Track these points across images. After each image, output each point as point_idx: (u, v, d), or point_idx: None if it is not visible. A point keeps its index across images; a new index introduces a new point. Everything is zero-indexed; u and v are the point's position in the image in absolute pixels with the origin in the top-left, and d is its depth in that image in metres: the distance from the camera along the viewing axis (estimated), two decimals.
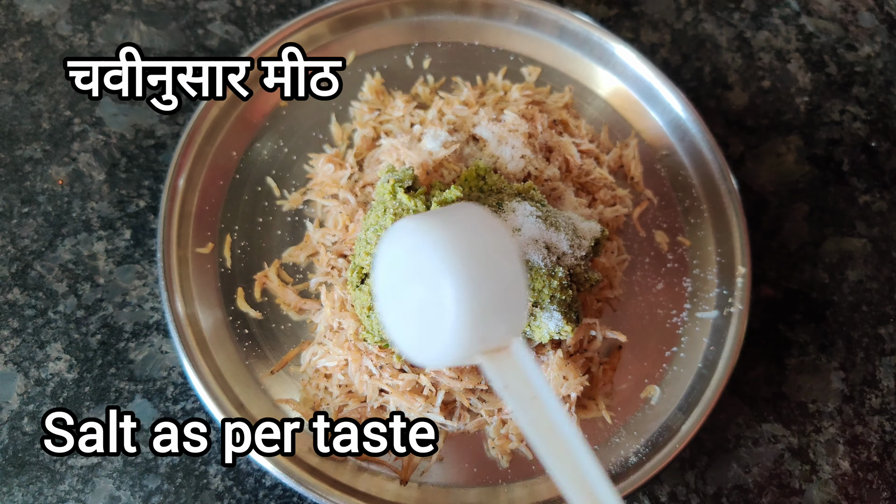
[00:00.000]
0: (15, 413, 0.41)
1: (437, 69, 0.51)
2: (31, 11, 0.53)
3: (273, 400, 0.41)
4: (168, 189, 0.43)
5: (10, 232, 0.46)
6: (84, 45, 0.51)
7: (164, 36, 0.52)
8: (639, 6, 0.58)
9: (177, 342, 0.40)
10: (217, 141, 0.46)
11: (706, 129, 0.48)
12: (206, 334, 0.41)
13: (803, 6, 0.60)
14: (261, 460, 0.38)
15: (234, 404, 0.40)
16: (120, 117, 0.49)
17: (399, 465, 0.40)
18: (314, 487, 0.38)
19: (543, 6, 0.51)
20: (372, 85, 0.49)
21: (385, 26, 0.52)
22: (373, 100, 0.49)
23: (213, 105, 0.46)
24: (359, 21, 0.51)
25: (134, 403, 0.42)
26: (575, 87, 0.52)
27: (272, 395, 0.42)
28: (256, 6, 0.54)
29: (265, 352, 0.43)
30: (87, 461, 0.40)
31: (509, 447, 0.41)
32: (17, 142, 0.48)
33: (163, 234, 0.42)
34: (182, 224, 0.44)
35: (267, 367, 0.42)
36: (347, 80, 0.50)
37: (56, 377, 0.42)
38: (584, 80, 0.52)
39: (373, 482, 0.40)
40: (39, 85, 0.50)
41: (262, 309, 0.44)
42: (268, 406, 0.41)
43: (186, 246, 0.43)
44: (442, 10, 0.52)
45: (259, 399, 0.41)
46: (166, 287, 0.41)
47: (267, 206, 0.46)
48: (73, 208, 0.46)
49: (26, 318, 0.44)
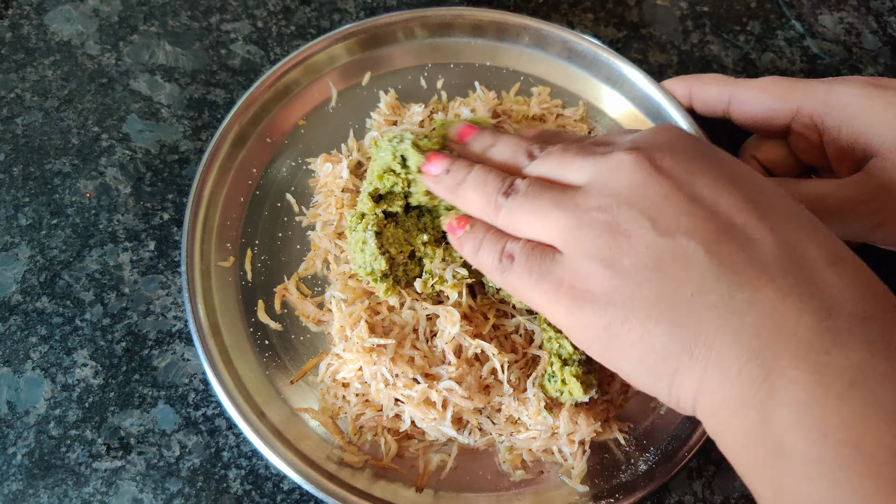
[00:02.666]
0: (42, 417, 0.43)
1: (450, 89, 0.53)
2: (61, 31, 0.55)
3: (292, 408, 0.43)
4: (191, 205, 0.45)
5: (39, 242, 0.47)
6: (112, 64, 0.54)
7: (188, 56, 0.54)
8: (647, 28, 0.60)
9: (201, 352, 0.41)
10: (238, 158, 0.48)
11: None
12: (227, 345, 0.43)
13: (808, 28, 0.61)
14: (282, 466, 0.39)
15: (256, 412, 0.41)
16: (146, 133, 0.51)
17: (414, 472, 0.41)
18: (334, 493, 0.39)
19: (554, 28, 0.53)
20: (388, 101, 0.51)
21: (399, 48, 0.53)
22: (389, 113, 0.51)
23: (234, 124, 0.48)
24: (374, 43, 0.53)
25: (157, 409, 0.43)
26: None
27: (291, 404, 0.43)
28: (277, 27, 0.56)
29: (285, 362, 0.44)
30: (111, 464, 0.42)
31: (520, 461, 0.42)
32: (47, 156, 0.50)
33: (186, 248, 0.44)
34: (205, 239, 0.45)
35: (286, 376, 0.44)
36: (363, 100, 0.52)
37: (82, 383, 0.44)
38: (593, 99, 0.54)
39: (388, 489, 0.41)
40: (69, 102, 0.52)
41: (281, 321, 0.45)
42: (287, 414, 0.42)
43: (209, 260, 0.45)
44: (455, 33, 0.54)
45: (279, 408, 0.42)
46: (190, 299, 0.43)
47: (286, 222, 0.48)
48: (101, 220, 0.48)
49: (54, 326, 0.45)
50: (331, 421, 0.42)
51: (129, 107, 0.52)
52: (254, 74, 0.54)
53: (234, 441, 0.43)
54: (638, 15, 0.60)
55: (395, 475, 0.41)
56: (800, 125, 0.44)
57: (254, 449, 0.43)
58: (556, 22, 0.58)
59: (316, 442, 0.41)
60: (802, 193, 0.41)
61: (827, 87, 0.43)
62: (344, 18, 0.57)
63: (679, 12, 0.61)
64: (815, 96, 0.43)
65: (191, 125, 0.52)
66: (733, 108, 0.47)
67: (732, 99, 0.47)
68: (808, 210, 0.33)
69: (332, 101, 0.52)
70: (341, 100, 0.52)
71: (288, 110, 0.50)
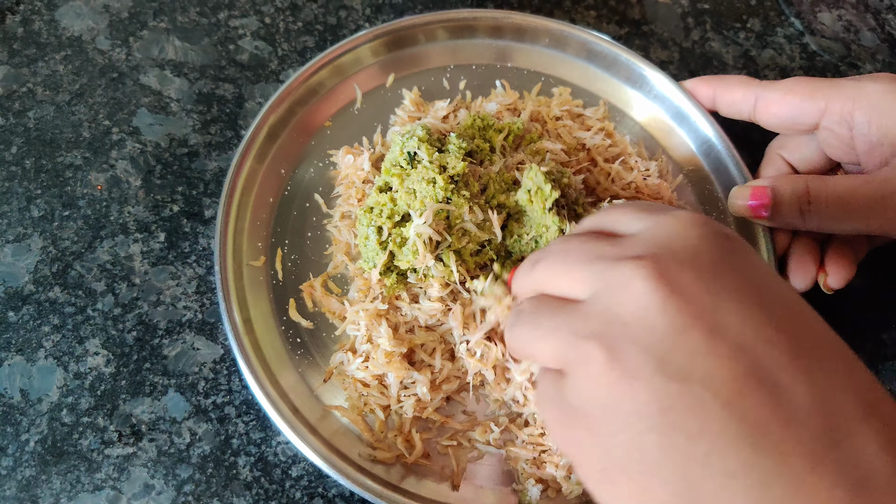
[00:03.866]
0: (54, 405, 0.44)
1: (473, 89, 0.54)
2: (72, 27, 0.56)
3: (324, 406, 0.43)
4: (223, 206, 0.46)
5: (51, 234, 0.48)
6: (122, 59, 0.54)
7: (197, 51, 0.55)
8: (648, 25, 0.61)
9: (236, 350, 0.42)
10: (266, 160, 0.49)
11: (732, 147, 0.51)
12: (260, 343, 0.44)
13: (807, 26, 0.62)
14: (317, 461, 0.40)
15: (290, 408, 0.42)
16: (156, 127, 0.52)
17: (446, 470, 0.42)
18: (370, 488, 0.39)
19: (574, 30, 0.54)
20: (412, 98, 0.52)
21: (421, 49, 0.54)
22: (413, 109, 0.52)
23: (263, 126, 0.48)
24: (397, 45, 0.54)
25: (167, 397, 0.44)
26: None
27: (324, 401, 0.44)
28: (284, 23, 0.57)
29: (316, 359, 0.45)
30: (122, 451, 0.42)
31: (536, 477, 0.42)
32: (59, 149, 0.51)
33: (220, 248, 0.45)
34: (236, 239, 0.46)
35: (318, 373, 0.44)
36: (388, 101, 0.53)
37: (94, 371, 0.44)
38: (615, 100, 0.54)
39: (421, 485, 0.41)
40: (80, 96, 0.53)
41: (312, 319, 0.46)
42: (319, 411, 0.43)
43: (241, 259, 0.46)
44: (476, 35, 0.55)
45: (312, 405, 0.43)
46: (224, 298, 0.43)
47: (315, 221, 0.49)
48: (112, 212, 0.49)
49: (66, 316, 0.46)
50: (360, 418, 0.43)
51: (140, 101, 0.53)
52: (261, 69, 0.55)
53: (243, 428, 0.44)
54: (640, 12, 0.61)
55: (426, 471, 0.42)
56: (830, 122, 0.44)
57: (262, 437, 0.43)
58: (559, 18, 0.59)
59: (350, 438, 0.42)
60: (830, 189, 0.42)
61: (855, 84, 0.44)
62: (350, 15, 0.58)
63: (680, 9, 0.62)
64: (844, 93, 0.43)
65: (200, 119, 0.53)
66: (760, 110, 0.47)
67: (759, 100, 0.47)
68: (843, 343, 0.28)
69: (358, 102, 0.53)
70: (366, 101, 0.53)
71: (314, 112, 0.51)
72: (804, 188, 0.43)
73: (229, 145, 0.52)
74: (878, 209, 0.41)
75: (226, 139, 0.52)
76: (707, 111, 0.51)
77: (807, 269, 0.47)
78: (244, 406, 0.44)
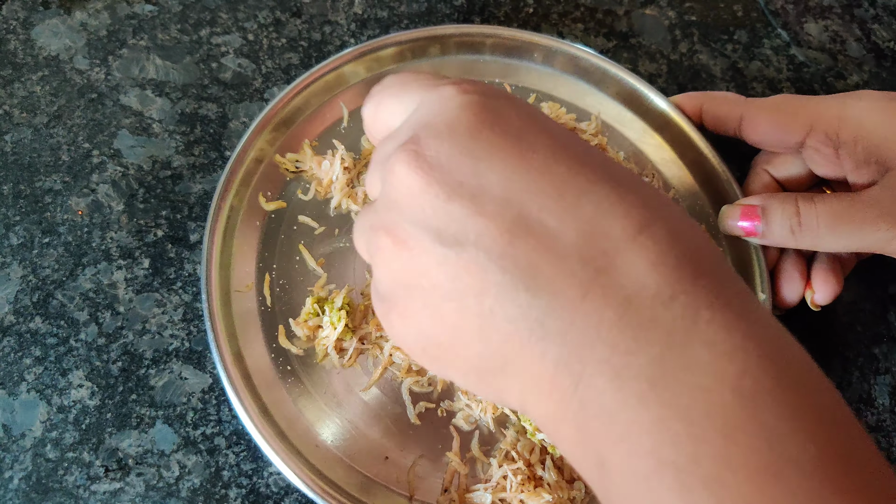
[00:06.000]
0: (38, 440, 0.42)
1: None
2: (49, 46, 0.54)
3: (317, 437, 0.43)
4: (208, 231, 0.44)
5: (31, 262, 0.47)
6: (101, 79, 0.53)
7: (178, 70, 0.54)
8: (636, 38, 0.60)
9: (225, 380, 0.41)
10: (252, 183, 0.48)
11: (722, 162, 0.50)
12: (250, 371, 0.43)
13: (794, 37, 0.62)
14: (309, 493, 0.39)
15: (282, 438, 0.41)
16: (137, 149, 0.51)
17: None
18: None
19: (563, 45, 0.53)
20: None
21: (409, 66, 0.54)
22: None
23: (249, 148, 0.47)
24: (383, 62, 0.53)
25: (155, 429, 0.43)
26: None
27: (316, 430, 0.43)
28: (268, 40, 0.56)
29: (307, 387, 0.44)
30: (109, 486, 0.41)
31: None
32: (37, 174, 0.49)
33: (206, 275, 0.43)
34: (223, 264, 0.45)
35: (309, 401, 0.43)
36: None
37: (78, 404, 0.43)
38: (604, 115, 0.54)
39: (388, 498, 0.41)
40: (58, 118, 0.51)
41: (302, 345, 0.45)
42: (312, 441, 0.42)
43: (227, 286, 0.45)
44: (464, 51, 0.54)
45: (304, 434, 0.42)
46: (211, 326, 0.42)
47: (304, 244, 0.48)
48: (93, 238, 0.48)
49: (48, 347, 0.45)
50: None
51: (120, 122, 0.52)
52: (245, 88, 0.54)
53: (234, 460, 0.43)
54: (627, 25, 0.61)
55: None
56: (815, 141, 0.45)
57: (254, 467, 0.42)
58: (546, 32, 0.58)
59: (343, 468, 0.41)
60: (819, 210, 0.42)
61: (840, 102, 0.44)
62: (335, 31, 0.57)
63: (667, 22, 0.61)
64: (830, 112, 0.43)
65: (183, 140, 0.52)
66: (745, 128, 0.47)
67: (745, 118, 0.47)
68: (621, 170, 0.28)
69: (344, 121, 0.52)
70: (353, 119, 0.52)
71: (300, 132, 0.50)
72: (794, 209, 0.43)
73: (214, 167, 0.51)
74: (868, 228, 0.41)
75: (210, 160, 0.51)
76: (696, 126, 0.51)
77: (794, 285, 0.47)
78: (234, 436, 0.43)
